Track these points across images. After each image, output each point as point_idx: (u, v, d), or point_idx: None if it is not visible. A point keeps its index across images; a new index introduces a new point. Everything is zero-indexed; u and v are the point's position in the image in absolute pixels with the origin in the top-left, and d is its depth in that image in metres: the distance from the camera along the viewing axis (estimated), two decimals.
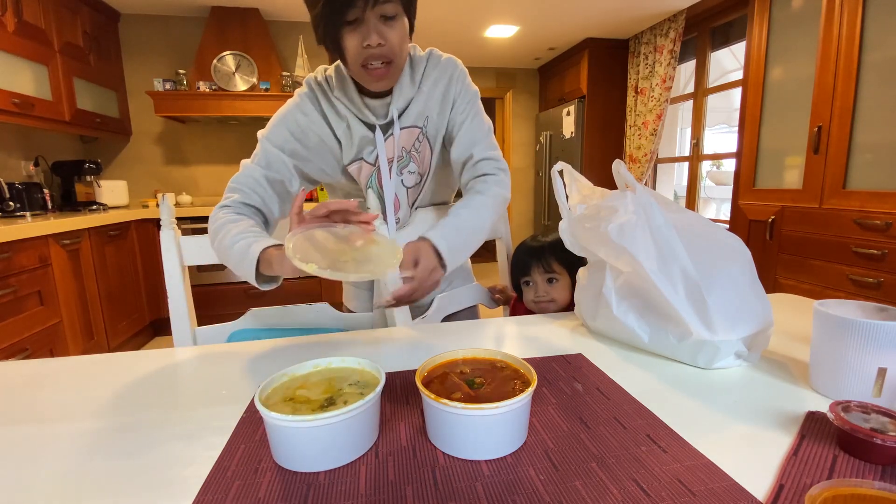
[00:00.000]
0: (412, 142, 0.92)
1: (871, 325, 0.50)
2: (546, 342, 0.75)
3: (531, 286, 1.06)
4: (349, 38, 0.74)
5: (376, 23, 0.73)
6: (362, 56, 0.76)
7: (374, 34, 0.73)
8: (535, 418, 0.50)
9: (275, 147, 0.86)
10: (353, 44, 0.74)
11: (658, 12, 3.49)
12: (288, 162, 0.86)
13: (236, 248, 0.71)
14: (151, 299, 3.06)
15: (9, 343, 1.79)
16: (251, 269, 0.69)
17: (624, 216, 0.68)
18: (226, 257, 0.75)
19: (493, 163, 0.93)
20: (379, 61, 0.77)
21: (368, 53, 0.75)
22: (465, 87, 0.93)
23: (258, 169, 0.85)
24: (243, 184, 0.84)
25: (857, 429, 0.41)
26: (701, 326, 0.62)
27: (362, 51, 0.75)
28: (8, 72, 2.23)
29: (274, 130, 0.87)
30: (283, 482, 0.41)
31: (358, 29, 0.73)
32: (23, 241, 1.88)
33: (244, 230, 0.74)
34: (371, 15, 0.72)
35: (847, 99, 2.06)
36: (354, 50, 0.75)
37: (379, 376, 0.49)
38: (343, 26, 0.74)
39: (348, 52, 0.76)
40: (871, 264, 1.97)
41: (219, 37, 3.20)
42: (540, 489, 0.39)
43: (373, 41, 0.73)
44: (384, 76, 0.79)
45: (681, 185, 3.97)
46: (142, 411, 0.55)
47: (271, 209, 0.86)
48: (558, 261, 1.03)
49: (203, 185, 3.61)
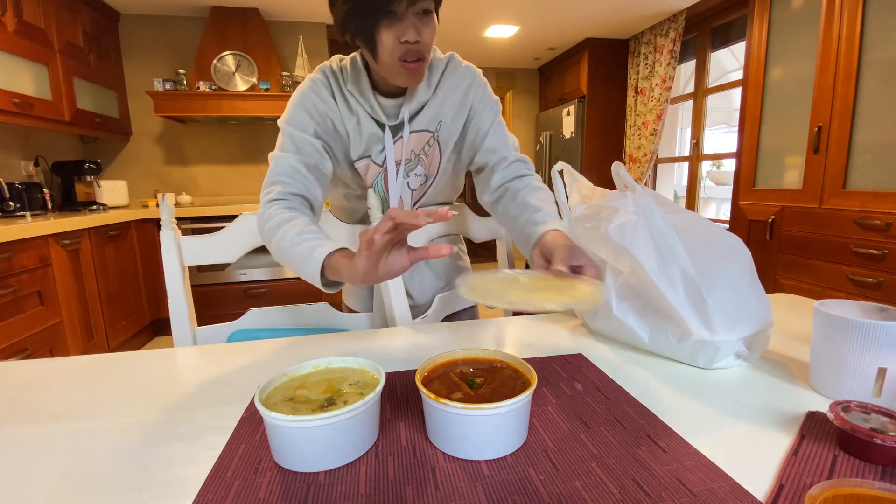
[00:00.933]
0: (422, 145, 0.91)
1: (871, 325, 0.50)
2: (546, 342, 0.75)
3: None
4: (385, 32, 0.72)
5: (414, 18, 0.72)
6: (399, 51, 0.74)
7: (412, 30, 0.72)
8: (535, 418, 0.50)
9: (300, 131, 0.83)
10: (389, 38, 0.73)
11: (658, 12, 3.49)
12: (316, 143, 0.84)
13: (297, 252, 0.69)
14: (151, 299, 3.06)
15: (9, 343, 1.79)
16: (315, 274, 0.67)
17: (624, 216, 0.68)
18: (285, 259, 0.72)
19: (525, 164, 0.94)
20: (413, 57, 0.76)
21: (406, 49, 0.74)
22: (485, 96, 0.92)
23: (291, 156, 0.82)
24: (282, 174, 0.81)
25: (857, 429, 0.41)
26: (701, 326, 0.62)
27: (399, 45, 0.73)
28: (8, 72, 2.23)
29: (294, 115, 0.84)
30: (283, 482, 0.41)
31: (395, 24, 0.72)
32: (23, 241, 1.88)
33: (302, 230, 0.71)
34: (410, 10, 0.71)
35: (847, 99, 2.06)
36: (391, 44, 0.73)
37: (379, 376, 0.49)
38: (381, 21, 0.72)
39: (384, 47, 0.74)
40: (871, 264, 1.97)
41: (219, 37, 3.20)
42: (540, 489, 0.39)
43: (411, 37, 0.72)
44: (419, 71, 0.78)
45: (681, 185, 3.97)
46: (142, 411, 0.55)
47: (315, 195, 0.83)
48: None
49: (203, 185, 3.61)
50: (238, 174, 3.66)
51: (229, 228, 0.95)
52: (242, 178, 3.67)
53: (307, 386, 0.49)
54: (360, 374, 0.51)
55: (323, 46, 3.60)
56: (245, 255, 0.94)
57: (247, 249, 0.96)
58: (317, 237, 0.69)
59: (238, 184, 3.67)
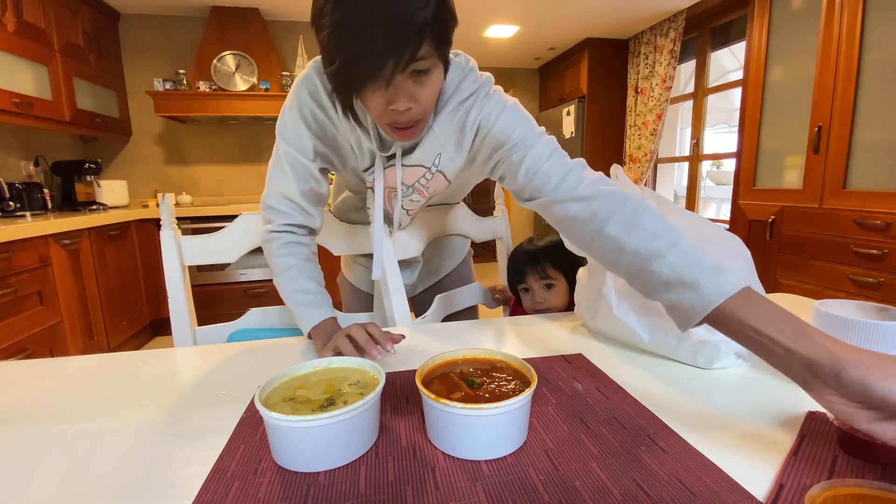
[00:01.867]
0: (416, 178, 0.82)
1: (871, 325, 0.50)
2: (546, 342, 0.75)
3: (528, 292, 1.05)
4: (372, 96, 0.61)
5: (407, 82, 0.60)
6: (387, 117, 0.64)
7: (403, 98, 0.61)
8: (535, 418, 0.50)
9: (296, 151, 0.77)
10: (377, 102, 0.62)
11: (658, 12, 3.49)
12: (312, 167, 0.79)
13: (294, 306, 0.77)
14: (151, 299, 3.06)
15: (9, 343, 1.79)
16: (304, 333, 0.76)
17: None
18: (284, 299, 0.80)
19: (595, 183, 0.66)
20: (406, 124, 0.66)
21: (395, 118, 0.64)
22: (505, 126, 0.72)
23: (288, 185, 0.78)
24: (280, 204, 0.80)
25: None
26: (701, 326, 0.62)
27: (388, 112, 0.63)
28: (8, 72, 2.23)
29: (291, 129, 0.77)
30: (283, 482, 0.41)
31: (384, 89, 0.60)
32: (23, 241, 1.88)
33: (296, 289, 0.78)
34: (401, 76, 0.58)
35: (847, 99, 2.06)
36: (379, 108, 0.63)
37: (379, 376, 0.49)
38: (367, 84, 0.60)
39: (371, 110, 0.65)
40: (871, 264, 1.97)
41: (219, 37, 3.20)
42: (540, 489, 0.39)
43: (400, 105, 0.61)
44: (411, 135, 0.69)
45: (681, 185, 3.97)
46: (142, 411, 0.55)
47: (312, 217, 0.83)
48: (554, 266, 1.02)
49: (203, 185, 3.61)
50: (238, 174, 3.66)
51: (229, 228, 0.95)
52: (242, 178, 3.67)
53: (307, 386, 0.49)
54: (360, 374, 0.51)
55: None
56: (245, 255, 0.95)
57: (247, 249, 0.96)
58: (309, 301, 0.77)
59: (238, 184, 3.67)
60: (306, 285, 0.78)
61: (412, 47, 0.55)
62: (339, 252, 1.02)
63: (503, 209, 1.28)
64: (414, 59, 0.56)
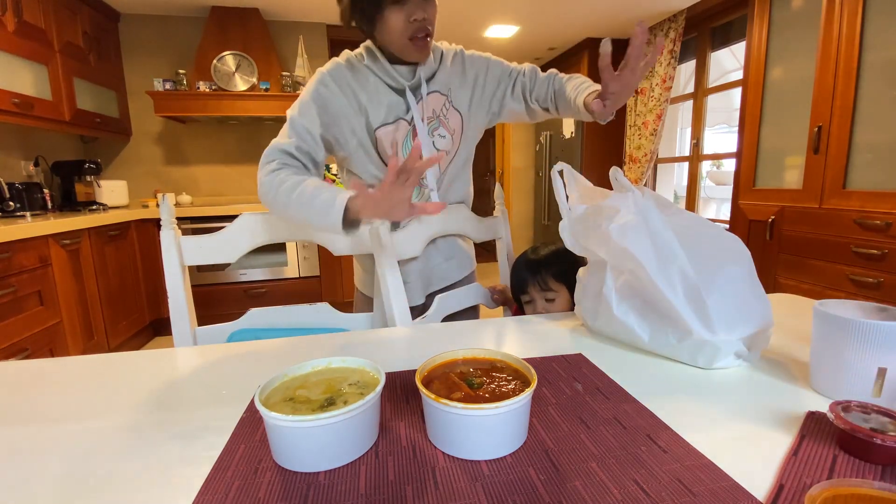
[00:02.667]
0: (440, 106, 1.01)
1: (871, 325, 0.50)
2: (546, 342, 0.75)
3: (531, 303, 1.07)
4: (394, 15, 0.85)
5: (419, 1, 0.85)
6: (410, 30, 0.87)
7: (419, 10, 0.85)
8: (535, 418, 0.50)
9: (302, 118, 0.92)
10: (398, 19, 0.85)
11: (658, 12, 3.49)
12: (315, 132, 0.93)
13: (321, 200, 0.79)
14: (151, 299, 3.06)
15: (9, 343, 1.79)
16: (339, 215, 0.76)
17: (626, 217, 0.68)
18: (305, 211, 0.81)
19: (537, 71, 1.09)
20: (422, 33, 0.88)
21: (416, 27, 0.86)
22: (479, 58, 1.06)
23: (288, 141, 0.91)
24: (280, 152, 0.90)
25: (857, 429, 0.41)
26: (701, 327, 0.62)
27: (409, 25, 0.86)
28: (8, 72, 2.23)
29: (300, 106, 0.93)
30: (283, 482, 0.41)
31: (403, 7, 0.85)
32: (23, 241, 1.88)
33: (320, 185, 0.82)
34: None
35: (847, 99, 2.06)
36: (401, 25, 0.86)
37: (379, 376, 0.49)
38: (388, 6, 0.84)
39: (393, 28, 0.86)
40: (871, 264, 1.97)
41: (219, 37, 3.20)
42: (540, 489, 0.39)
43: (419, 16, 0.85)
44: (426, 46, 0.91)
45: (681, 185, 3.97)
46: (142, 411, 0.55)
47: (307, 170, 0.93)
48: (555, 277, 1.03)
49: (203, 185, 3.61)
50: (238, 174, 3.66)
51: (229, 228, 0.95)
52: (242, 178, 3.67)
53: (307, 386, 0.49)
54: (360, 374, 0.51)
55: (323, 46, 3.60)
56: (245, 255, 0.95)
57: (247, 249, 0.96)
58: (335, 189, 0.80)
59: (238, 184, 3.67)
60: (322, 184, 0.83)
61: None
62: (338, 252, 1.02)
63: (503, 209, 1.28)
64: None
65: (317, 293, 3.30)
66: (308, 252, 3.23)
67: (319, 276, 3.29)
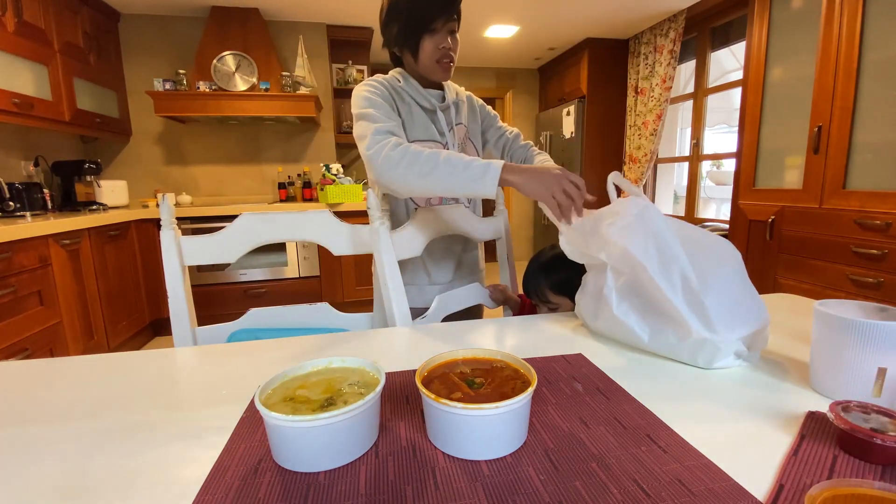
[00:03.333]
0: (462, 136, 1.18)
1: (871, 325, 0.50)
2: (546, 342, 0.75)
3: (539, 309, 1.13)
4: (427, 42, 1.04)
5: (446, 32, 1.04)
6: (437, 54, 1.05)
7: (448, 39, 1.05)
8: (535, 418, 0.50)
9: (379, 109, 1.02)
10: (430, 46, 1.04)
11: (658, 12, 3.49)
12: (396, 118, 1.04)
13: (476, 164, 0.87)
14: (151, 299, 3.05)
15: (9, 343, 1.79)
16: (496, 175, 0.86)
17: (626, 218, 0.69)
18: (457, 171, 0.88)
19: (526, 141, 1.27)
20: (447, 59, 1.06)
21: (443, 53, 1.05)
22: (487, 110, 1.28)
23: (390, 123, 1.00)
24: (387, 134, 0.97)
25: (857, 429, 0.41)
26: (700, 326, 0.62)
27: (438, 51, 1.04)
28: (8, 72, 2.23)
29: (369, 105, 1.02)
30: (283, 482, 0.41)
31: (434, 36, 1.03)
32: (23, 241, 1.88)
33: (461, 154, 0.92)
34: (445, 27, 1.03)
35: (847, 99, 2.06)
36: (432, 50, 1.04)
37: (379, 376, 0.49)
38: (424, 35, 1.03)
39: (425, 52, 1.05)
40: (871, 264, 1.97)
41: (219, 37, 3.20)
42: (540, 489, 0.39)
43: (446, 44, 1.05)
44: (450, 69, 1.09)
45: (681, 185, 3.97)
46: (142, 411, 0.55)
47: None
48: (554, 290, 1.07)
49: (203, 185, 3.61)
50: (238, 174, 3.66)
51: (229, 228, 0.95)
52: (242, 178, 3.67)
53: (307, 386, 0.49)
54: (360, 374, 0.51)
55: (323, 46, 3.60)
56: (245, 255, 0.95)
57: (247, 249, 0.96)
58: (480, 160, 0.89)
59: (238, 184, 3.67)
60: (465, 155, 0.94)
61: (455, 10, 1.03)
62: (338, 252, 1.02)
63: (503, 209, 1.28)
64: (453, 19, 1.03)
65: (317, 293, 3.30)
66: (308, 252, 3.23)
67: (319, 276, 3.29)
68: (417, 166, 0.90)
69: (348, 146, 4.15)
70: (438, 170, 0.88)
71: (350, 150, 4.19)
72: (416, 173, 0.90)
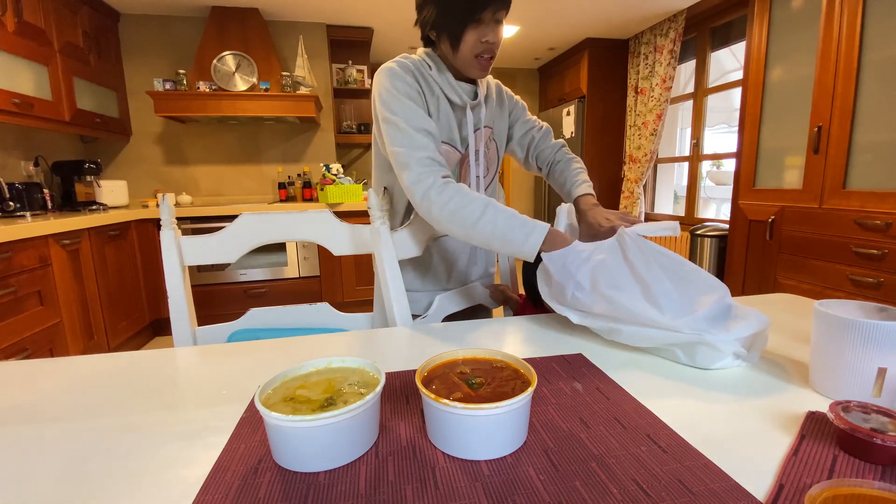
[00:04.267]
0: (485, 141, 1.06)
1: (871, 325, 0.50)
2: (546, 342, 0.75)
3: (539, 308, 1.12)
4: (471, 32, 0.90)
5: (493, 24, 0.90)
6: (478, 48, 0.91)
7: (492, 32, 0.91)
8: (535, 418, 0.50)
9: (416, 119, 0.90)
10: (472, 38, 0.90)
11: (658, 12, 3.49)
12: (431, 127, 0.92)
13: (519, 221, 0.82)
14: (151, 299, 3.05)
15: (9, 343, 1.79)
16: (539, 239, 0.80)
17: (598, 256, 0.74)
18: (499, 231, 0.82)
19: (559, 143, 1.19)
20: (488, 54, 0.93)
21: (484, 47, 0.91)
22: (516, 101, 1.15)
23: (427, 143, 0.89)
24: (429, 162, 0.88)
25: (857, 429, 0.41)
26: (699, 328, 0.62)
27: (479, 44, 0.91)
28: (8, 72, 2.23)
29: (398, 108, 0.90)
30: (283, 482, 0.41)
31: (479, 27, 0.89)
32: (23, 241, 1.88)
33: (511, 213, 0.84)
34: (492, 17, 0.89)
35: (847, 99, 2.06)
36: (473, 42, 0.91)
37: (379, 376, 0.49)
38: (469, 23, 0.89)
39: (466, 45, 0.91)
40: (871, 264, 1.97)
41: (219, 37, 3.20)
42: (540, 489, 0.39)
43: (491, 38, 0.91)
44: (488, 66, 0.96)
45: (681, 185, 3.97)
46: (142, 411, 0.55)
47: None
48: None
49: (203, 185, 3.61)
50: (238, 174, 3.66)
51: (229, 228, 0.95)
52: (242, 178, 3.67)
53: (307, 386, 0.49)
54: (360, 374, 0.51)
55: (323, 46, 3.60)
56: (245, 255, 0.95)
57: (247, 249, 0.96)
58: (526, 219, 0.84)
59: (238, 184, 3.67)
60: (511, 211, 0.85)
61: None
62: (339, 252, 1.02)
63: None
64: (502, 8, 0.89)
65: (317, 293, 3.30)
66: (308, 252, 3.23)
67: (319, 276, 3.29)
68: (458, 221, 0.84)
69: (348, 146, 4.15)
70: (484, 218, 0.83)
71: (350, 150, 4.19)
72: (457, 227, 0.85)
